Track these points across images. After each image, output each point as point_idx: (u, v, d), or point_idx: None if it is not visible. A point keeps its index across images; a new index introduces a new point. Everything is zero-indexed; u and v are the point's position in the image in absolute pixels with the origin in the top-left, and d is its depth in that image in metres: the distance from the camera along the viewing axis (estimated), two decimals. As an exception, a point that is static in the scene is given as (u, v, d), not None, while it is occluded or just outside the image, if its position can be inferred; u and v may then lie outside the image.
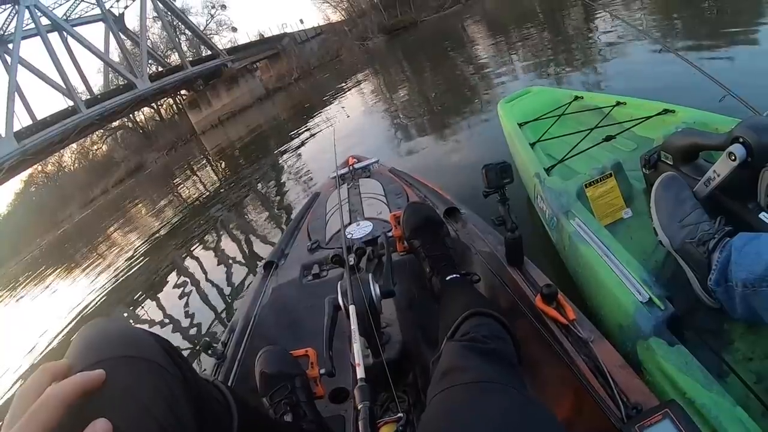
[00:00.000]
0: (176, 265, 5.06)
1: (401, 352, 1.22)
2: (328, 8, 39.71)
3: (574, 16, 8.36)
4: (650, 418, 0.64)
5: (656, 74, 3.44)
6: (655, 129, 1.52)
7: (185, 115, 30.94)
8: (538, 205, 1.63)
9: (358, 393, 0.74)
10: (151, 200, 13.54)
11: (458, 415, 0.63)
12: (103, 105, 22.83)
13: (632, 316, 0.94)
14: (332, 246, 1.75)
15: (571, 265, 1.32)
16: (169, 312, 3.83)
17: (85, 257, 9.95)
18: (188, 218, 7.24)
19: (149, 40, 29.25)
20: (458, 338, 0.84)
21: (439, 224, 1.37)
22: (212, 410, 0.65)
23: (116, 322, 0.61)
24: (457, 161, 3.71)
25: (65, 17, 24.35)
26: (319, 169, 5.35)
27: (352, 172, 2.40)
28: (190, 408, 0.54)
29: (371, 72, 14.98)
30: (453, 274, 1.19)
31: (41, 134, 20.69)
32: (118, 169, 33.08)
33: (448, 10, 27.31)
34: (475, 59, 8.37)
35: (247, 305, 1.50)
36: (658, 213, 1.10)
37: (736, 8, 4.51)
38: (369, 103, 9.05)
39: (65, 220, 28.86)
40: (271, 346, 1.09)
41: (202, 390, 0.63)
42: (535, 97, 2.37)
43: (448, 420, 0.63)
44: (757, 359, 0.89)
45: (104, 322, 0.58)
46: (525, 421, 0.61)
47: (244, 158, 10.24)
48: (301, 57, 32.43)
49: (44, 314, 6.64)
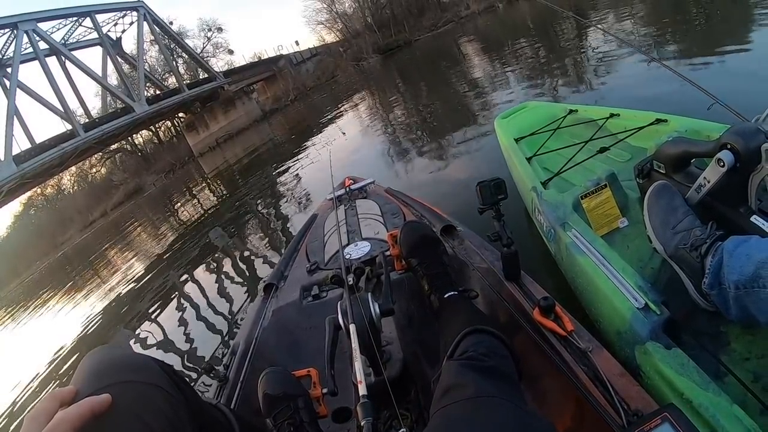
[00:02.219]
0: (176, 287, 5.05)
1: (402, 369, 1.21)
2: (323, 29, 40.23)
3: (566, 31, 8.48)
4: (650, 422, 0.65)
5: (648, 85, 3.48)
6: (649, 139, 1.53)
7: (183, 138, 31.12)
8: (536, 218, 1.65)
9: (361, 410, 0.74)
10: (150, 223, 13.60)
11: (455, 429, 0.64)
12: (101, 128, 22.98)
13: (629, 322, 0.95)
14: (331, 267, 1.75)
15: (569, 276, 1.33)
16: (170, 335, 3.81)
17: (86, 280, 9.95)
18: (187, 241, 7.25)
19: (147, 63, 29.52)
20: (457, 357, 0.85)
21: (437, 242, 1.37)
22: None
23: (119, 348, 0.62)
24: (454, 179, 3.73)
25: (63, 41, 24.61)
26: (317, 190, 5.38)
27: (348, 193, 2.41)
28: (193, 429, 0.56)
29: (367, 92, 15.12)
30: (451, 291, 1.20)
31: (40, 158, 20.78)
32: (117, 192, 33.20)
33: (442, 29, 27.68)
34: (470, 77, 8.45)
35: (248, 327, 1.50)
36: (651, 221, 1.12)
37: (724, 15, 4.58)
38: (365, 123, 9.10)
39: (65, 242, 28.86)
40: (274, 367, 1.09)
41: (205, 413, 0.64)
42: (530, 112, 2.39)
43: None
44: (753, 359, 0.90)
45: (108, 349, 0.60)
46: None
47: (242, 180, 10.27)
48: (298, 78, 32.81)
49: (44, 337, 6.65)
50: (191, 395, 0.61)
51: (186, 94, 26.93)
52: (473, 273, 1.35)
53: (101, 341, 4.91)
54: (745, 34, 3.66)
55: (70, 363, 4.76)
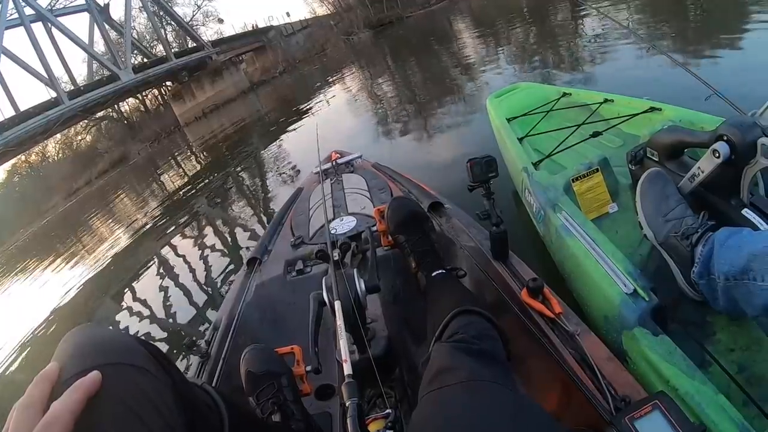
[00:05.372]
0: (158, 260, 4.99)
1: (387, 347, 1.21)
2: (315, 2, 39.45)
3: (561, 13, 8.39)
4: (640, 409, 0.65)
5: (643, 72, 3.48)
6: (642, 126, 1.53)
7: (170, 107, 30.53)
8: (525, 198, 1.64)
9: (346, 389, 0.73)
10: (135, 192, 13.38)
11: (449, 413, 0.63)
12: (86, 96, 22.38)
13: (617, 306, 0.95)
14: (316, 242, 1.73)
15: (558, 258, 1.33)
16: (150, 308, 3.77)
17: (69, 249, 9.78)
18: (171, 211, 7.16)
19: (135, 30, 28.81)
20: (447, 339, 0.84)
21: (424, 219, 1.36)
22: (203, 415, 0.65)
23: (104, 328, 0.61)
24: (443, 156, 3.71)
25: (50, 7, 23.83)
26: (303, 163, 5.32)
27: (335, 167, 2.38)
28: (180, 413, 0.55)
29: (356, 66, 14.87)
30: (439, 270, 1.19)
31: (24, 125, 20.22)
32: (102, 160, 32.58)
33: (434, 7, 27.24)
34: (462, 55, 8.37)
35: (231, 302, 1.49)
36: (643, 207, 1.11)
37: (723, 7, 4.56)
38: (354, 98, 9.00)
39: (49, 210, 28.37)
40: (256, 344, 1.07)
41: (192, 395, 0.63)
42: (523, 92, 2.37)
43: (439, 417, 0.63)
44: (738, 350, 0.91)
45: (92, 329, 0.58)
46: (516, 417, 0.61)
47: (228, 152, 10.12)
48: (287, 50, 32.16)
49: (25, 305, 6.59)
50: (178, 377, 0.60)
51: (173, 63, 26.29)
52: (460, 251, 1.34)
53: (81, 310, 4.88)
54: (743, 29, 3.64)
55: (49, 332, 4.73)
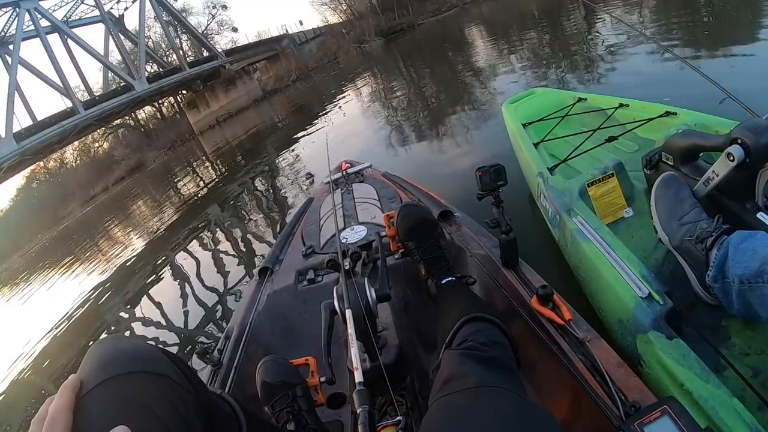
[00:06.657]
0: (171, 267, 5.04)
1: (398, 355, 1.20)
2: (327, 10, 39.81)
3: (573, 18, 8.36)
4: (649, 415, 0.64)
5: (658, 77, 3.45)
6: (657, 131, 1.52)
7: (185, 115, 30.95)
8: (540, 203, 1.64)
9: (357, 397, 0.73)
10: (151, 199, 13.54)
11: (458, 419, 0.63)
12: (101, 107, 22.74)
13: (632, 310, 0.94)
14: (327, 251, 1.73)
15: (573, 262, 1.32)
16: (164, 315, 3.81)
17: (86, 255, 9.92)
18: (185, 218, 7.24)
19: (150, 40, 29.21)
20: (457, 346, 0.84)
21: (434, 225, 1.35)
22: (222, 422, 0.67)
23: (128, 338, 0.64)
24: (454, 164, 3.69)
25: (65, 19, 24.29)
26: (314, 173, 5.34)
27: (345, 176, 2.39)
28: (200, 421, 0.57)
29: (368, 74, 14.96)
30: (449, 277, 1.19)
31: (40, 135, 20.60)
32: (119, 167, 33.09)
33: (446, 14, 27.40)
34: (474, 62, 8.35)
35: (243, 312, 1.49)
36: (657, 211, 1.11)
37: (737, 13, 4.51)
38: (365, 105, 9.02)
39: (66, 216, 28.83)
40: (272, 355, 1.09)
41: (212, 403, 0.65)
42: (539, 98, 2.37)
43: (448, 423, 0.63)
44: (753, 354, 0.90)
45: (116, 339, 0.60)
46: (524, 424, 0.61)
47: (241, 160, 10.22)
48: (300, 58, 32.47)
49: (40, 313, 6.66)
50: (199, 386, 0.62)
51: (186, 72, 26.62)
52: (470, 259, 1.34)
53: (95, 316, 4.96)
54: (757, 32, 3.60)
55: (64, 337, 4.82)
